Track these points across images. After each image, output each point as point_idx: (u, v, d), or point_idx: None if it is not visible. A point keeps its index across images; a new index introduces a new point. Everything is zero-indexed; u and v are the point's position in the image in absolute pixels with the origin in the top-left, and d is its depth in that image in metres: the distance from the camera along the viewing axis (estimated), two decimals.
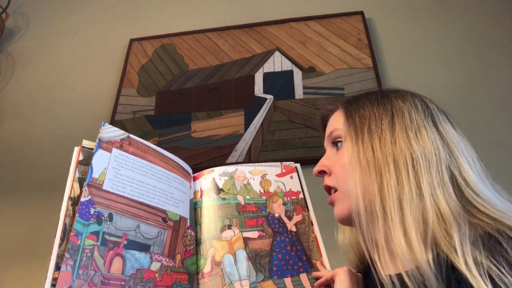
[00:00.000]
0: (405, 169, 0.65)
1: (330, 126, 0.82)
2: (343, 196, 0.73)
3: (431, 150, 0.67)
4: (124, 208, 0.74)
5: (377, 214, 0.64)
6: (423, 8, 1.96)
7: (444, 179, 0.65)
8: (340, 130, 0.77)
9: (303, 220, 0.91)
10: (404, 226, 0.61)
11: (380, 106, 0.74)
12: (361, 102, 0.78)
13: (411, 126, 0.70)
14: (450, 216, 0.60)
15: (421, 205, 0.62)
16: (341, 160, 0.75)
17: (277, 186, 0.94)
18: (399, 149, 0.67)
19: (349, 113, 0.77)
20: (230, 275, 0.79)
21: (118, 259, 0.70)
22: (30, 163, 1.85)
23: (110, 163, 0.76)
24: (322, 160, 0.80)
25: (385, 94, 0.78)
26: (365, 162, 0.69)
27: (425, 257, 0.57)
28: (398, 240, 0.60)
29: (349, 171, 0.70)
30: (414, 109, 0.73)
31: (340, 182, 0.75)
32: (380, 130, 0.71)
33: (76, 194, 0.70)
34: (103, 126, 0.79)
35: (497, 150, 1.52)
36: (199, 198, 0.90)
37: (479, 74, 1.74)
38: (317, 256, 0.86)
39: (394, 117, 0.72)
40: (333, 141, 0.80)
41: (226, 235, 0.84)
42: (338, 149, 0.78)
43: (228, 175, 0.94)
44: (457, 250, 0.56)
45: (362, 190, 0.67)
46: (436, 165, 0.66)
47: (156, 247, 0.76)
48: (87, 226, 0.68)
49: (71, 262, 0.64)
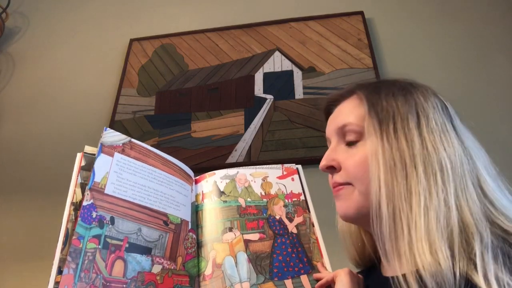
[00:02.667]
0: (434, 175, 0.62)
1: (343, 117, 0.75)
2: (353, 193, 0.70)
3: (456, 157, 0.64)
4: (125, 211, 0.74)
5: (402, 220, 0.61)
6: (423, 8, 1.96)
7: (469, 188, 0.63)
8: (356, 125, 0.72)
9: (304, 221, 0.91)
10: (429, 234, 0.58)
11: (404, 102, 0.70)
12: (383, 94, 0.72)
13: (436, 129, 0.67)
14: (473, 227, 0.58)
15: (447, 214, 0.59)
16: (356, 157, 0.70)
17: (278, 188, 0.94)
18: (426, 153, 0.64)
19: (372, 104, 0.71)
20: (231, 277, 0.79)
21: (120, 262, 0.70)
22: (30, 163, 1.85)
23: (112, 167, 0.76)
24: (330, 154, 0.74)
25: (407, 89, 0.73)
26: (392, 161, 0.64)
27: (449, 269, 0.55)
28: (422, 249, 0.58)
29: (372, 169, 0.66)
30: (436, 110, 0.69)
31: (355, 179, 0.70)
32: (407, 129, 0.67)
33: (78, 200, 0.71)
34: (105, 130, 0.79)
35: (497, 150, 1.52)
36: (201, 201, 0.90)
37: (479, 74, 1.74)
38: (318, 257, 0.86)
39: (419, 117, 0.68)
40: (345, 135, 0.74)
41: (227, 238, 0.84)
42: (350, 143, 0.72)
43: (230, 178, 0.94)
44: (476, 263, 0.54)
45: (386, 192, 0.63)
46: (460, 173, 0.63)
47: (158, 250, 0.76)
48: (89, 229, 0.68)
49: (73, 265, 0.64)
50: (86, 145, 0.76)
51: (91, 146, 0.78)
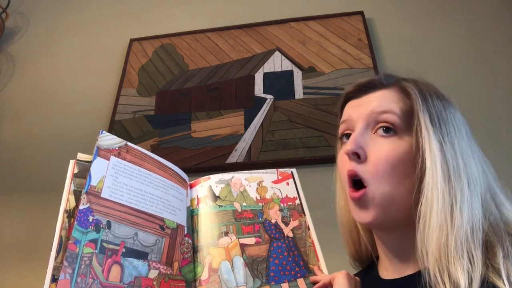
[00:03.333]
0: (473, 186, 0.64)
1: (382, 103, 0.71)
2: (374, 199, 0.68)
3: (477, 172, 0.66)
4: (122, 215, 0.74)
5: (449, 223, 0.61)
6: (423, 8, 1.96)
7: (488, 201, 0.65)
8: (398, 117, 0.69)
9: (300, 225, 0.91)
10: (468, 242, 0.60)
11: (447, 110, 0.69)
12: (428, 95, 0.70)
13: (467, 143, 0.68)
14: (494, 237, 0.61)
15: (479, 225, 0.62)
16: (388, 151, 0.67)
17: (273, 193, 0.94)
18: (467, 165, 0.65)
19: (425, 103, 0.68)
20: (227, 281, 0.79)
21: (116, 267, 0.70)
22: (30, 163, 1.86)
23: (108, 171, 0.76)
24: (358, 139, 0.70)
25: (443, 96, 0.72)
26: (447, 166, 0.64)
27: (477, 272, 0.57)
28: (461, 252, 0.59)
29: (429, 169, 0.64)
30: (465, 126, 0.70)
31: (379, 177, 0.67)
32: (455, 139, 0.66)
33: (71, 207, 0.70)
34: (101, 134, 0.79)
35: (498, 150, 1.52)
36: (196, 205, 0.91)
37: (479, 74, 1.74)
38: (314, 261, 0.86)
39: (456, 129, 0.68)
40: (378, 123, 0.70)
41: (223, 242, 0.84)
42: (380, 134, 0.69)
43: (225, 183, 0.94)
44: (500, 270, 0.57)
45: (441, 195, 0.63)
46: (483, 187, 0.66)
47: (154, 254, 0.76)
48: (85, 234, 0.68)
49: (69, 270, 0.64)
50: (79, 153, 0.76)
51: (91, 146, 0.78)
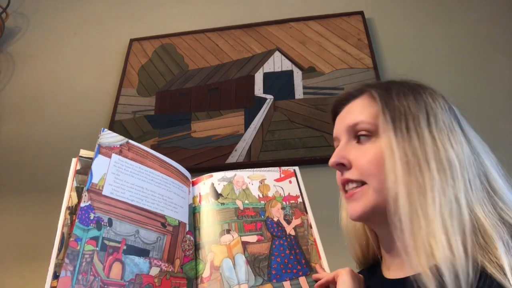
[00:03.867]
0: (444, 172, 0.64)
1: (355, 115, 0.76)
2: (368, 192, 0.70)
3: (463, 154, 0.66)
4: (123, 213, 0.74)
5: (418, 212, 0.62)
6: (423, 8, 1.96)
7: (477, 186, 0.64)
8: (368, 124, 0.72)
9: (302, 223, 0.91)
10: (446, 231, 0.59)
11: (414, 102, 0.71)
12: (394, 93, 0.74)
13: (444, 129, 0.68)
14: (488, 224, 0.60)
15: (459, 211, 0.61)
16: (370, 154, 0.70)
17: (276, 191, 0.94)
18: (438, 151, 0.66)
19: (385, 103, 0.73)
20: (229, 279, 0.79)
21: (118, 264, 0.70)
22: (30, 163, 1.85)
23: (110, 168, 0.76)
24: (341, 151, 0.74)
25: (416, 90, 0.74)
26: (406, 157, 0.66)
27: (466, 266, 0.56)
28: (440, 241, 0.59)
29: (388, 165, 0.67)
30: (444, 111, 0.71)
31: (368, 177, 0.70)
32: (419, 128, 0.68)
33: (73, 204, 0.70)
34: (103, 131, 0.79)
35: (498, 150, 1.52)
36: (198, 203, 0.90)
37: (479, 74, 1.74)
38: (316, 259, 0.86)
39: (429, 117, 0.70)
40: (357, 133, 0.74)
41: (225, 240, 0.84)
42: (361, 141, 0.73)
43: (227, 180, 0.94)
44: (503, 265, 0.55)
45: (403, 185, 0.64)
46: (468, 170, 0.65)
47: (155, 252, 0.76)
48: (86, 231, 0.68)
49: (70, 267, 0.64)
50: (81, 149, 0.75)
51: (91, 146, 0.78)
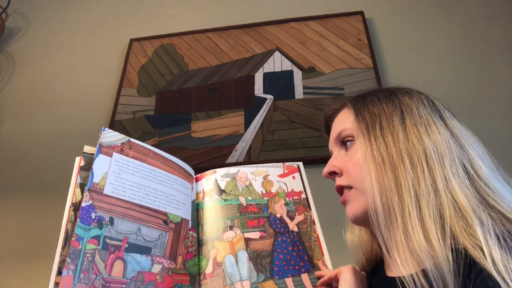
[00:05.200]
0: (420, 164, 0.65)
1: (338, 126, 0.80)
2: (357, 195, 0.72)
3: (443, 144, 0.67)
4: (125, 211, 0.74)
5: (395, 211, 0.63)
6: (423, 8, 1.96)
7: (459, 172, 0.65)
8: (350, 129, 0.76)
9: (305, 220, 0.91)
10: (422, 222, 0.61)
11: (389, 103, 0.74)
12: (369, 99, 0.77)
13: (420, 122, 0.70)
14: (470, 209, 0.60)
15: (438, 200, 0.62)
16: (353, 159, 0.73)
17: (279, 187, 0.95)
18: (412, 145, 0.67)
19: (358, 110, 0.76)
20: (231, 275, 0.79)
21: (119, 263, 0.70)
22: (30, 163, 1.85)
23: (111, 167, 0.76)
24: (331, 161, 0.79)
25: (391, 91, 0.78)
26: (380, 158, 0.68)
27: (444, 254, 0.56)
28: (417, 236, 0.60)
29: (364, 168, 0.69)
30: (421, 105, 0.73)
31: (354, 180, 0.73)
32: (392, 127, 0.70)
33: (77, 200, 0.70)
34: (103, 131, 0.79)
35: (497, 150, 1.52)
36: (201, 199, 0.90)
37: (479, 74, 1.74)
38: (319, 256, 0.86)
39: (403, 113, 0.72)
40: (342, 141, 0.78)
41: (227, 236, 0.84)
42: (347, 148, 0.76)
43: (230, 176, 0.94)
44: (483, 249, 0.54)
45: (378, 187, 0.66)
46: (450, 159, 0.66)
47: (157, 249, 0.76)
48: (88, 230, 0.68)
49: (72, 266, 0.64)
50: (85, 145, 0.75)
51: (91, 146, 0.78)
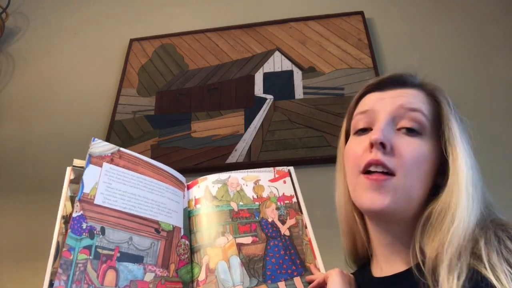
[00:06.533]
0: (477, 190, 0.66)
1: (413, 100, 0.73)
2: (398, 188, 0.67)
3: (479, 176, 0.69)
4: (116, 221, 0.74)
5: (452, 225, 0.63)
6: (423, 8, 1.95)
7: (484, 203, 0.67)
8: (426, 117, 0.71)
9: (297, 223, 0.91)
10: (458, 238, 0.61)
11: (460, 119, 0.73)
12: (454, 104, 0.74)
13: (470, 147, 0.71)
14: (479, 232, 0.62)
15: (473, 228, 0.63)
16: (417, 149, 0.69)
17: (270, 191, 0.95)
18: (477, 170, 0.68)
19: (452, 110, 0.72)
20: (224, 281, 0.80)
21: (112, 272, 0.70)
22: (30, 163, 1.86)
23: (101, 177, 0.76)
24: (388, 132, 0.70)
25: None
26: (472, 177, 0.67)
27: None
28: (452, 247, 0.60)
29: (462, 179, 0.66)
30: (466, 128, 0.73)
31: (406, 170, 0.68)
32: (468, 145, 0.70)
33: (68, 213, 0.71)
34: (93, 141, 0.79)
35: (497, 150, 1.52)
36: (193, 206, 0.91)
37: (479, 74, 1.73)
38: (311, 259, 0.86)
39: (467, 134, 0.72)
40: (406, 119, 0.71)
41: (219, 242, 0.85)
42: (408, 133, 0.70)
43: (221, 182, 0.94)
44: (482, 256, 0.58)
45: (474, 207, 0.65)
46: (481, 192, 0.67)
47: (150, 258, 0.76)
48: (79, 241, 0.68)
49: (64, 277, 0.64)
50: (74, 159, 0.76)
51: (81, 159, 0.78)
